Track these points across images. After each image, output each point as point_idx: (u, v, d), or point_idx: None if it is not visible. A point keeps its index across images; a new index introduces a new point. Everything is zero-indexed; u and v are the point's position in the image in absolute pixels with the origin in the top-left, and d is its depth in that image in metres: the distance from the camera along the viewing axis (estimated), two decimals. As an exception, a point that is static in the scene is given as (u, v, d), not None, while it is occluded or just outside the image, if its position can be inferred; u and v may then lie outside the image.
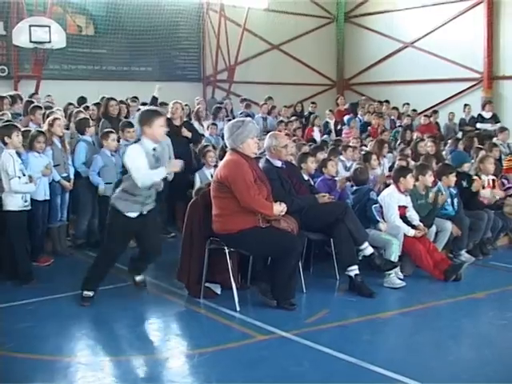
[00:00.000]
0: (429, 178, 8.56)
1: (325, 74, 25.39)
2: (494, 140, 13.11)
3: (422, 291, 7.75)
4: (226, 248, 6.80)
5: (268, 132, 9.09)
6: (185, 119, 11.70)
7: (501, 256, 9.42)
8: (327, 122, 16.54)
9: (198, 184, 9.34)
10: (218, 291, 7.27)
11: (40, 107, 10.68)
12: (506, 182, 10.20)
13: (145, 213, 6.86)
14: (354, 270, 7.33)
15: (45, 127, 9.16)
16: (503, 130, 14.24)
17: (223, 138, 8.08)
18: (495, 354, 5.83)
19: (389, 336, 6.57)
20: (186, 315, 6.98)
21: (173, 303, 7.19)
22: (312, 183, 8.41)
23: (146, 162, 6.58)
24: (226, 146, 7.09)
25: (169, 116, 11.15)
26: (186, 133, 10.97)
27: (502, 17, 21.55)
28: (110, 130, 9.81)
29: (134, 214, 6.77)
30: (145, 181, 6.57)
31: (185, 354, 5.84)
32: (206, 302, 7.06)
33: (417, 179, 8.49)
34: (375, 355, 5.67)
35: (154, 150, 6.71)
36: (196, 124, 12.78)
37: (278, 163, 7.57)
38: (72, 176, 9.40)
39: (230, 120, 8.57)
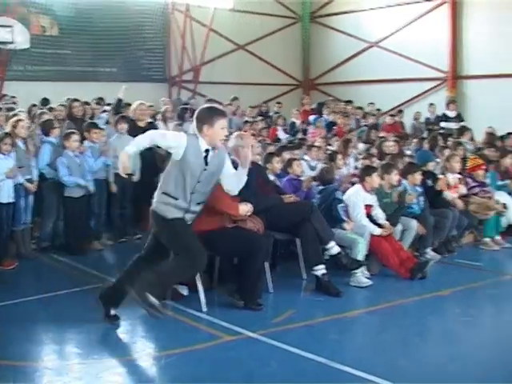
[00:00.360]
0: (394, 177, 8.63)
1: (290, 74, 25.43)
2: (458, 138, 13.23)
3: (388, 290, 7.78)
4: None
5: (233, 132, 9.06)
6: (149, 120, 11.62)
7: (466, 253, 9.51)
8: (293, 122, 16.54)
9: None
10: (185, 292, 7.23)
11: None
12: (470, 180, 10.29)
13: (189, 223, 6.22)
14: (320, 270, 7.34)
15: (8, 129, 9.05)
16: (465, 129, 14.39)
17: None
18: (462, 350, 5.89)
19: (356, 335, 6.61)
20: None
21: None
22: (278, 183, 8.42)
23: (162, 143, 6.01)
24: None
25: (132, 116, 11.06)
26: None
27: (465, 17, 21.74)
28: (71, 130, 9.72)
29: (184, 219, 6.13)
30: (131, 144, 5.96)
31: (152, 356, 5.80)
32: (173, 303, 7.01)
33: (382, 178, 8.55)
34: (343, 354, 5.69)
35: (207, 151, 6.05)
36: (161, 125, 12.72)
37: (244, 163, 7.55)
38: (36, 178, 9.30)
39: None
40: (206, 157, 6.03)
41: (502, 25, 20.47)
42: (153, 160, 10.08)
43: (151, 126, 11.26)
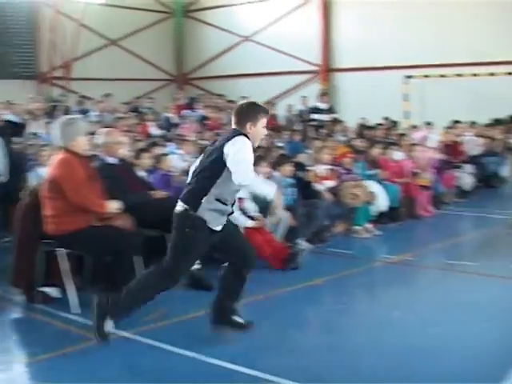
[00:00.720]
0: (263, 169, 8.69)
1: (164, 69, 25.30)
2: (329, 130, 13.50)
3: (262, 281, 7.76)
4: (60, 250, 6.60)
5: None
6: (6, 118, 11.29)
7: (338, 242, 9.71)
8: (168, 117, 16.42)
9: (31, 184, 9.00)
10: (57, 294, 7.04)
11: None
12: (340, 168, 10.52)
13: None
14: (192, 265, 7.31)
15: None
16: (336, 121, 14.71)
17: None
18: (336, 339, 6.01)
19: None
20: (23, 322, 6.73)
21: (9, 311, 6.91)
22: (149, 179, 8.34)
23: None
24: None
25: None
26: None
27: (336, 11, 22.25)
28: None
29: (219, 228, 5.66)
30: (248, 180, 5.43)
31: (23, 363, 5.61)
32: (44, 307, 6.82)
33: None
34: (217, 349, 5.67)
35: None
36: (32, 123, 12.41)
37: (112, 160, 7.45)
38: None
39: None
40: None
41: (370, 19, 21.11)
42: (19, 160, 9.80)
43: (7, 123, 10.99)
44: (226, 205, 5.56)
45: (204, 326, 6.27)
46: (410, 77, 20.40)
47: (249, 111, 5.60)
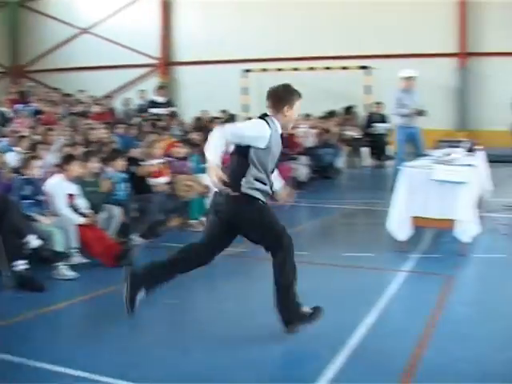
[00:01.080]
0: (94, 165, 8.61)
1: (-3, 61, 24.47)
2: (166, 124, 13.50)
3: (96, 279, 7.70)
4: None
5: None
6: None
7: (173, 236, 9.69)
8: (1, 112, 15.84)
9: None
10: None
11: None
12: (171, 159, 10.59)
13: None
14: (21, 265, 7.11)
15: None
16: (173, 114, 14.73)
17: None
18: (170, 334, 6.07)
19: (60, 329, 6.40)
20: None
21: None
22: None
23: (241, 139, 5.45)
24: None
25: None
26: None
27: (176, 5, 22.27)
28: None
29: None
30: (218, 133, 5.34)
31: None
32: None
33: (84, 166, 8.48)
34: (46, 351, 5.51)
35: (282, 136, 5.68)
36: None
37: None
38: None
39: None
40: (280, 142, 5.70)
41: (210, 14, 21.38)
42: None
43: None
44: (265, 184, 5.60)
45: (32, 328, 6.12)
46: (248, 70, 20.72)
47: (285, 94, 5.70)
